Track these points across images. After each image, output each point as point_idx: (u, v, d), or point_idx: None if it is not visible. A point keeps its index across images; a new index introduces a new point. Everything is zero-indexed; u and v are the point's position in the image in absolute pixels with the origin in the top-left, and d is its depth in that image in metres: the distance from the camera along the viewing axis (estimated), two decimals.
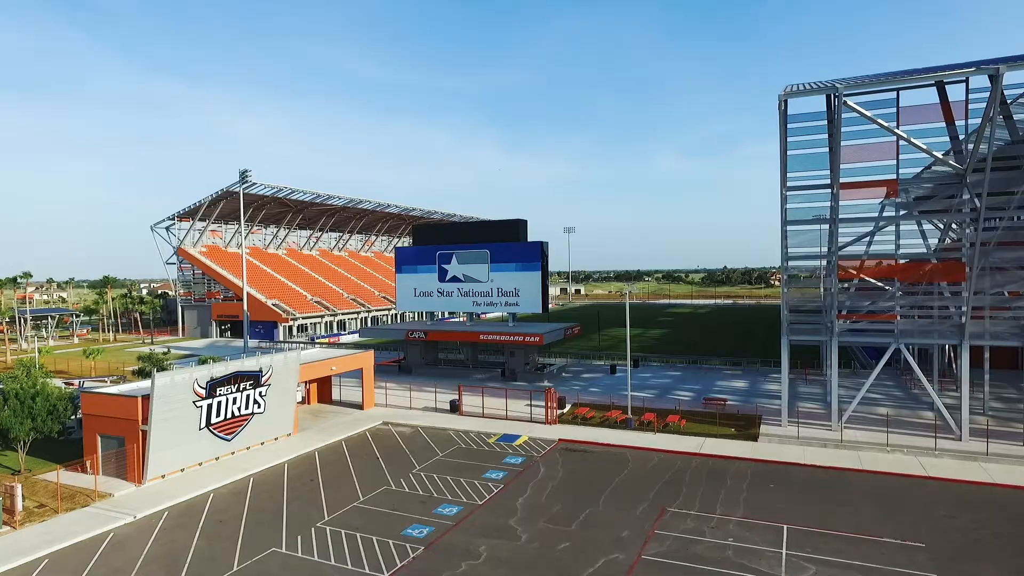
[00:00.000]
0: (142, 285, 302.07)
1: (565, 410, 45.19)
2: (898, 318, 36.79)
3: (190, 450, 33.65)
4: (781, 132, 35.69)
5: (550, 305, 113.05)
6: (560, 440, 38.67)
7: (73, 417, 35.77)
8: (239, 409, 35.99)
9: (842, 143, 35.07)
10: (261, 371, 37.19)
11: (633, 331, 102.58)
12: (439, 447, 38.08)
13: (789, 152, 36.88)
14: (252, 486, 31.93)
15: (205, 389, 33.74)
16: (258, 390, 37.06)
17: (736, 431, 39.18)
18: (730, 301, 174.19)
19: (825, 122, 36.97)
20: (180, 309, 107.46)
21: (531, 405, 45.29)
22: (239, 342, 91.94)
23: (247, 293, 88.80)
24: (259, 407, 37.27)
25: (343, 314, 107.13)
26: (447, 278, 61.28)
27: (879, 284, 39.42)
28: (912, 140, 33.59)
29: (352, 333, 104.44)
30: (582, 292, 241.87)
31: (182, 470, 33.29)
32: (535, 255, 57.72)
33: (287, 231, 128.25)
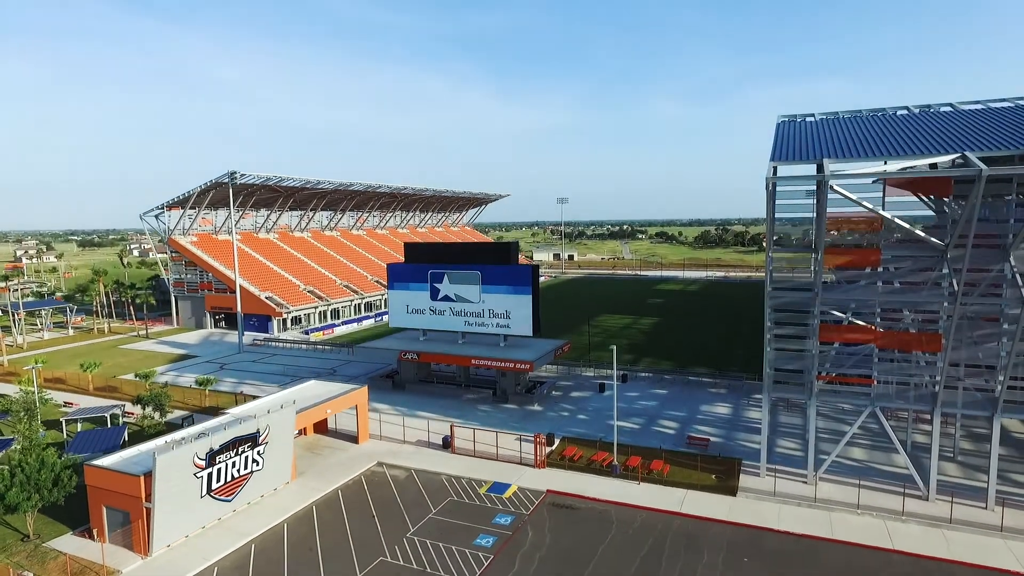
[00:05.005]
0: (133, 247, 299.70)
1: (554, 447, 46.88)
2: (875, 383, 38.06)
3: (193, 518, 35.12)
4: (768, 205, 35.97)
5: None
6: (548, 491, 40.36)
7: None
8: (238, 471, 37.31)
9: (827, 211, 35.55)
10: (259, 432, 38.33)
11: (623, 320, 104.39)
12: (432, 500, 39.72)
13: (777, 216, 37.28)
14: (254, 557, 33.52)
15: (205, 460, 34.94)
16: (256, 450, 38.30)
17: (716, 480, 40.98)
18: (721, 274, 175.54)
19: (814, 187, 37.21)
20: (174, 299, 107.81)
21: (520, 440, 46.97)
22: (234, 335, 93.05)
23: (240, 286, 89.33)
24: (257, 465, 38.60)
25: (336, 303, 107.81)
26: (439, 297, 61.93)
27: (863, 326, 40.36)
28: (896, 218, 34.11)
29: (347, 323, 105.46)
30: (575, 258, 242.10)
31: (186, 537, 34.83)
32: (526, 278, 58.28)
33: (279, 214, 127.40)
